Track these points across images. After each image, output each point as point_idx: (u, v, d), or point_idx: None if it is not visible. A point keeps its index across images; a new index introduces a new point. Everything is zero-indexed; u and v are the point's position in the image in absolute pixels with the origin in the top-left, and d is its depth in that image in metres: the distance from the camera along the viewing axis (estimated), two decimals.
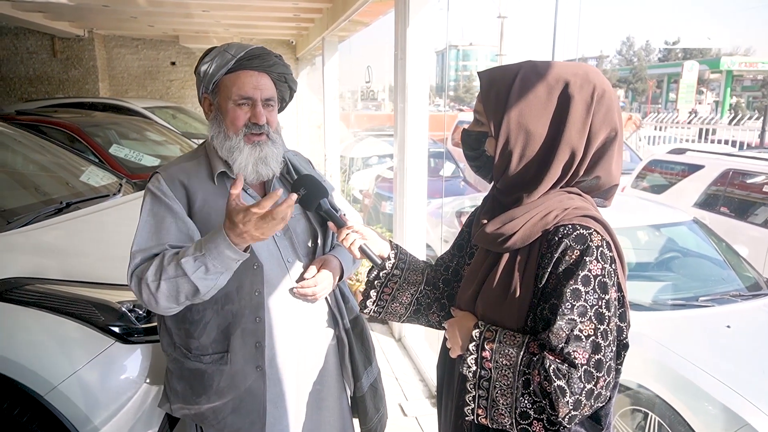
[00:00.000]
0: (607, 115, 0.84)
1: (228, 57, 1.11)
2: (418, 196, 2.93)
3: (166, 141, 4.89)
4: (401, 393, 2.55)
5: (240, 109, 1.11)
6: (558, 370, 0.77)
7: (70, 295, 1.47)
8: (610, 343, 0.80)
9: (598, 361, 0.79)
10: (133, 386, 1.46)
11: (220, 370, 1.14)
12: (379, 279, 1.09)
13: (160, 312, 1.09)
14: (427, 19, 2.76)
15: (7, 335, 1.43)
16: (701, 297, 2.70)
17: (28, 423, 1.42)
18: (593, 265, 0.80)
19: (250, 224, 0.97)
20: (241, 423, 1.15)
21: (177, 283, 1.02)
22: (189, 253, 1.02)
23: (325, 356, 1.25)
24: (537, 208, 0.85)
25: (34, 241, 1.71)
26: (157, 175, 1.15)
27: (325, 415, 1.27)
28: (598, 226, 0.83)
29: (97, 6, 5.82)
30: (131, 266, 1.07)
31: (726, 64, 20.25)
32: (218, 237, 1.00)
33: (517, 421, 0.81)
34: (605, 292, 0.80)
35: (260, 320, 1.13)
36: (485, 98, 0.89)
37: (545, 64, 0.87)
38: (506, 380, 0.81)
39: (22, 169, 2.45)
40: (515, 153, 0.86)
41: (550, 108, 0.84)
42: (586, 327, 0.79)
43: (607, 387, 0.80)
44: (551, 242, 0.83)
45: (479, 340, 0.85)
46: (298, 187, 1.12)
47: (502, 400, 0.82)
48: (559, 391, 0.77)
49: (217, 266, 1.01)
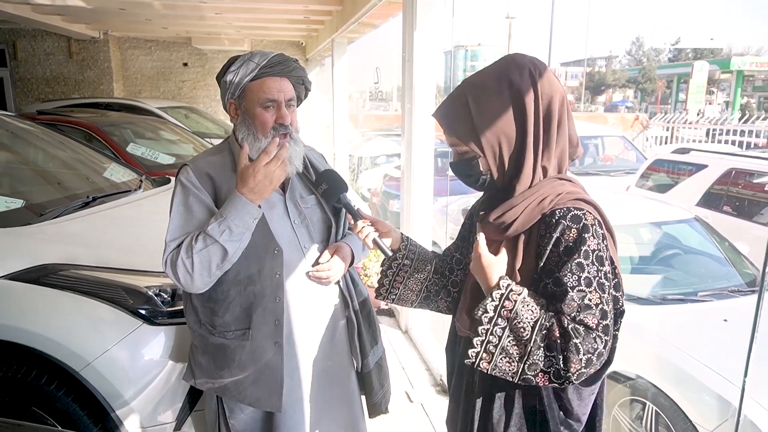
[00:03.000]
0: (551, 83, 0.94)
1: (252, 65, 1.23)
2: (424, 194, 3.02)
3: (179, 140, 5.02)
4: (408, 381, 2.65)
5: (267, 111, 1.23)
6: (575, 330, 0.87)
7: (102, 280, 1.60)
8: (611, 310, 0.90)
9: (605, 326, 0.88)
10: (158, 364, 1.58)
11: (242, 345, 1.25)
12: (391, 269, 1.20)
13: (195, 289, 1.20)
14: (434, 23, 2.85)
15: (45, 316, 1.55)
16: (700, 292, 2.76)
17: (64, 396, 1.54)
18: (591, 240, 0.89)
19: (260, 174, 1.13)
20: (260, 393, 1.26)
21: (208, 252, 1.14)
22: (212, 222, 1.15)
23: (337, 334, 1.36)
24: (533, 195, 0.94)
25: (66, 232, 1.83)
26: (186, 167, 1.27)
27: (336, 388, 1.38)
28: (590, 207, 0.93)
29: (114, 9, 5.99)
30: (165, 253, 1.19)
31: (737, 64, 20.05)
32: (235, 198, 1.15)
33: (523, 371, 0.89)
34: (602, 264, 0.90)
35: (279, 300, 1.25)
36: (454, 130, 0.98)
37: (478, 75, 0.98)
38: (523, 332, 0.88)
39: (50, 166, 2.59)
40: (505, 157, 0.96)
41: (508, 104, 0.93)
42: (593, 296, 0.88)
43: (609, 350, 0.91)
44: (549, 224, 0.92)
45: (506, 290, 0.92)
46: (320, 182, 1.24)
47: (512, 350, 0.89)
48: (574, 349, 0.86)
49: (239, 225, 1.14)
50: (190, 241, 1.16)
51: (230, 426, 1.33)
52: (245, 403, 1.29)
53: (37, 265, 1.60)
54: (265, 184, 1.15)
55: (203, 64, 9.41)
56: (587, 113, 21.18)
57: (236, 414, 1.32)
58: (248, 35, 8.64)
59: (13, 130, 2.64)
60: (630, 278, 3.01)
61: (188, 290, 1.22)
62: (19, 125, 2.72)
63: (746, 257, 3.19)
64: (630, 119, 13.68)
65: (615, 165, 7.33)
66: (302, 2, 5.55)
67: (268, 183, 1.15)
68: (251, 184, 1.14)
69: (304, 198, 1.34)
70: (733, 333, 2.44)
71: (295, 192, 1.33)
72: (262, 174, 1.14)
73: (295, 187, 1.33)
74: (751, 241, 3.79)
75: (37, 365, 1.55)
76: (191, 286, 1.19)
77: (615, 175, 6.70)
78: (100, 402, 1.53)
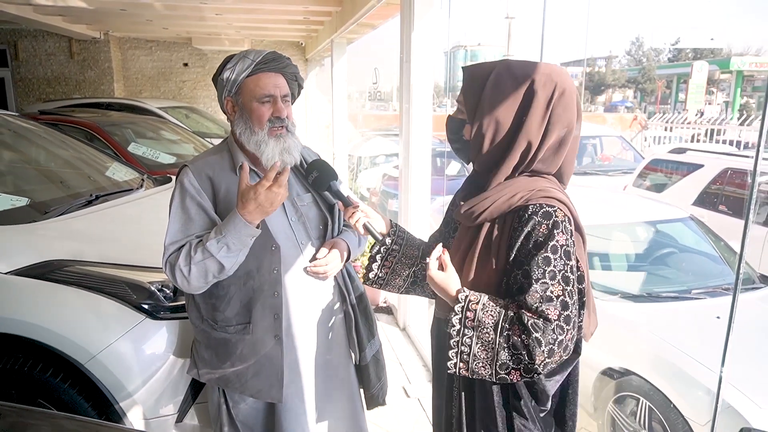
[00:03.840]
0: (565, 112, 0.99)
1: (248, 62, 1.27)
2: (422, 193, 3.06)
3: (180, 140, 5.05)
4: (405, 377, 2.70)
5: (263, 106, 1.27)
6: (535, 325, 0.92)
7: (106, 276, 1.64)
8: (575, 302, 0.95)
9: (566, 317, 0.94)
10: (161, 357, 1.62)
11: (242, 338, 1.30)
12: (380, 253, 1.25)
13: (191, 291, 1.26)
14: (431, 24, 2.89)
15: (51, 311, 1.59)
16: (694, 290, 2.80)
17: (69, 388, 1.58)
18: (560, 236, 0.95)
19: (261, 197, 1.15)
20: (261, 385, 1.31)
21: (205, 265, 1.19)
22: (211, 237, 1.19)
23: (335, 328, 1.40)
24: (505, 189, 1.00)
25: (71, 229, 1.88)
26: (186, 168, 1.31)
27: (335, 380, 1.42)
28: (561, 205, 0.98)
29: (115, 10, 6.03)
30: (165, 256, 1.24)
31: (736, 64, 20.05)
32: (234, 218, 1.18)
33: (496, 372, 0.95)
34: (569, 258, 0.96)
35: (278, 295, 1.29)
36: (465, 90, 1.05)
37: (518, 63, 1.02)
38: (488, 337, 0.95)
39: (53, 165, 2.63)
40: (486, 137, 1.01)
41: (516, 101, 0.99)
42: (555, 288, 0.93)
43: (572, 340, 0.95)
44: (522, 218, 0.98)
45: (464, 302, 0.98)
46: (311, 171, 1.28)
47: (483, 354, 0.95)
48: (535, 342, 0.91)
49: (236, 243, 1.18)
50: (188, 250, 1.20)
51: (233, 416, 1.37)
52: (247, 395, 1.33)
53: (43, 261, 1.64)
54: (265, 206, 1.17)
55: (203, 64, 9.46)
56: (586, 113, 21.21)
57: (239, 405, 1.37)
58: (248, 36, 8.68)
59: (17, 129, 2.68)
60: (625, 276, 3.06)
61: (185, 291, 1.28)
62: (22, 125, 2.76)
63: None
64: (628, 119, 13.74)
65: (613, 165, 7.37)
66: (302, 3, 5.59)
67: (269, 205, 1.18)
68: (251, 207, 1.16)
69: (300, 196, 1.38)
70: (724, 330, 2.48)
71: (292, 190, 1.37)
72: (263, 197, 1.16)
73: (292, 185, 1.37)
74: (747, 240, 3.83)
75: (42, 358, 1.60)
76: (188, 289, 1.25)
77: (613, 175, 6.74)
78: (104, 394, 1.57)
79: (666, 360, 2.26)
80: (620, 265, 3.12)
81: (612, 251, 3.15)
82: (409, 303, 3.20)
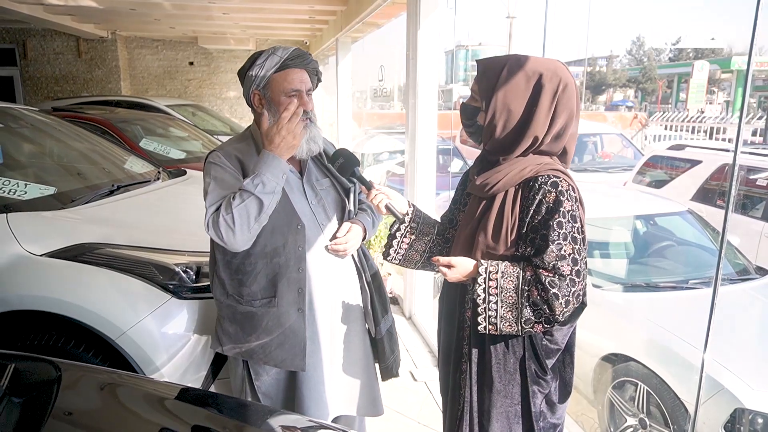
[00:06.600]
0: (568, 103, 1.13)
1: (276, 58, 1.38)
2: (427, 189, 3.15)
3: (189, 137, 5.15)
4: (412, 362, 2.80)
5: (290, 99, 1.37)
6: (552, 282, 1.07)
7: (135, 258, 1.75)
8: (583, 258, 1.10)
9: (577, 271, 1.09)
10: (185, 335, 1.73)
11: (268, 312, 1.40)
12: (399, 231, 1.37)
13: (237, 244, 1.29)
14: (437, 22, 2.98)
15: (84, 290, 1.70)
16: (691, 280, 2.90)
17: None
18: (567, 202, 1.09)
19: (284, 130, 1.28)
20: (285, 355, 1.41)
21: (246, 206, 1.26)
22: (246, 180, 1.28)
23: (352, 302, 1.51)
24: (516, 164, 1.15)
25: (98, 215, 1.98)
26: (214, 152, 1.42)
27: (352, 351, 1.52)
28: (565, 176, 1.13)
29: (124, 9, 6.13)
30: (207, 216, 1.31)
31: (737, 63, 20.08)
32: (265, 155, 1.29)
33: (522, 327, 1.10)
34: (576, 221, 1.10)
35: (302, 270, 1.39)
36: (480, 81, 1.17)
37: (526, 58, 1.15)
38: (511, 300, 1.10)
39: (73, 157, 2.74)
40: (499, 124, 1.14)
41: (527, 93, 1.12)
42: (567, 248, 1.08)
43: (582, 290, 1.10)
44: (532, 188, 1.12)
45: (486, 273, 1.12)
46: (337, 158, 1.39)
47: (509, 315, 1.10)
48: (553, 297, 1.07)
49: (271, 179, 1.28)
50: (228, 199, 1.29)
51: (256, 388, 1.47)
52: (271, 365, 1.43)
53: (75, 244, 1.75)
54: (289, 139, 1.29)
55: (209, 63, 9.57)
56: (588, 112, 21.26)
57: (262, 376, 1.46)
58: (253, 35, 8.78)
59: (36, 124, 2.78)
60: (625, 267, 3.16)
61: (230, 247, 1.31)
62: (42, 119, 2.87)
63: (737, 249, 3.32)
64: (629, 118, 13.83)
65: (613, 162, 7.46)
66: (307, 2, 5.68)
67: (292, 138, 1.30)
68: (277, 141, 1.29)
69: (319, 180, 1.49)
70: (720, 317, 2.57)
71: (312, 175, 1.48)
72: (285, 130, 1.28)
73: (311, 171, 1.48)
74: (742, 234, 3.93)
75: (74, 335, 1.70)
76: (233, 242, 1.29)
77: (613, 172, 6.82)
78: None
79: (663, 345, 2.36)
80: (619, 254, 3.22)
81: (612, 242, 3.25)
82: (415, 293, 3.30)
